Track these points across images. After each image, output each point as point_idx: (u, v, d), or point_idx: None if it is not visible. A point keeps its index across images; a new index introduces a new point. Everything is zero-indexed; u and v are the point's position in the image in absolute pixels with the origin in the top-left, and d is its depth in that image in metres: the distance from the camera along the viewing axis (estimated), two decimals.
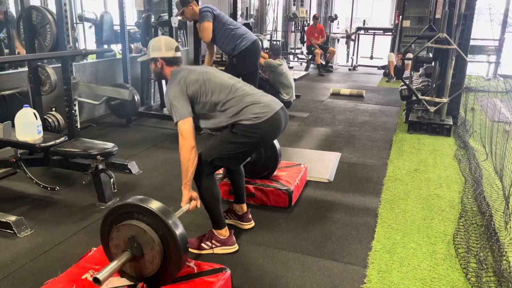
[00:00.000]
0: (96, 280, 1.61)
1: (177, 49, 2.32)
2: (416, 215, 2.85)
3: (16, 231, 2.49)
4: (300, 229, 2.65)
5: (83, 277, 1.87)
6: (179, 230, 1.77)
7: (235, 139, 2.21)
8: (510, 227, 2.61)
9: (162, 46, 2.28)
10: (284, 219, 2.77)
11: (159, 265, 1.77)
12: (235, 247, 2.37)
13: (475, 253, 2.36)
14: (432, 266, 2.27)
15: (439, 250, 2.43)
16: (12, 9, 4.54)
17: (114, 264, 1.72)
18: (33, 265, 2.22)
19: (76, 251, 2.32)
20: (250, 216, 2.65)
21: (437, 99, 4.83)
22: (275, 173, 3.12)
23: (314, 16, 10.00)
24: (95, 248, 2.10)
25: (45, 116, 3.79)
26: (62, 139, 2.99)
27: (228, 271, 1.92)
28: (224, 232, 2.36)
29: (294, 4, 11.03)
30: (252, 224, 2.65)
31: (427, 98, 4.91)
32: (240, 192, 2.61)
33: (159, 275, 1.81)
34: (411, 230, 2.65)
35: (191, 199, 2.20)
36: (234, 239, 2.38)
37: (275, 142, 2.90)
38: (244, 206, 2.64)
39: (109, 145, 3.00)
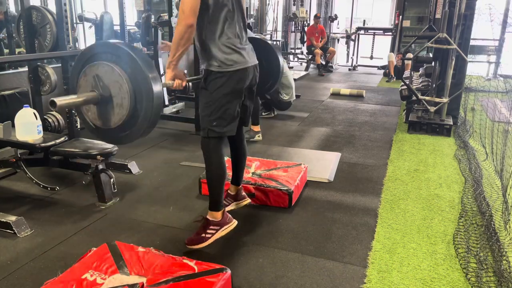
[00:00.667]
0: (52, 102, 1.54)
1: None
2: (416, 215, 2.85)
3: (16, 231, 2.49)
4: (300, 229, 2.65)
5: (83, 277, 1.87)
6: (153, 74, 1.64)
7: (211, 92, 2.17)
8: (510, 227, 2.61)
9: None
10: (284, 219, 2.77)
11: (128, 109, 1.63)
12: (234, 222, 2.38)
13: (475, 253, 2.36)
14: (432, 266, 2.27)
15: (439, 250, 2.43)
16: (12, 9, 4.55)
17: (77, 96, 1.60)
18: (33, 265, 2.22)
19: (76, 251, 2.32)
20: (243, 192, 2.69)
21: (437, 99, 4.83)
22: (275, 173, 3.13)
23: (316, 16, 9.99)
24: (95, 248, 2.10)
25: (45, 116, 3.79)
26: (62, 139, 2.99)
27: (229, 271, 1.92)
28: (219, 214, 2.35)
29: (294, 4, 11.03)
30: (248, 200, 2.70)
31: (427, 98, 4.91)
32: (240, 173, 2.63)
33: (129, 126, 1.67)
34: (411, 230, 2.65)
35: (174, 78, 2.08)
36: (229, 216, 2.39)
37: (273, 51, 2.71)
38: (239, 188, 2.68)
39: (109, 145, 3.00)
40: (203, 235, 2.34)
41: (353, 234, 2.60)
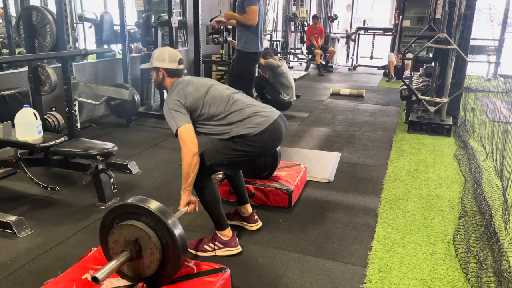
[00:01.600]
0: (94, 279, 1.61)
1: (180, 62, 2.33)
2: (416, 215, 2.85)
3: (16, 231, 2.49)
4: (300, 229, 2.65)
5: (83, 277, 1.87)
6: (178, 231, 1.77)
7: (237, 147, 2.22)
8: (510, 227, 2.61)
9: (166, 57, 2.30)
10: (284, 219, 2.77)
11: (157, 266, 1.77)
12: (238, 249, 2.36)
13: (475, 253, 2.36)
14: (432, 266, 2.27)
15: (439, 250, 2.43)
16: (12, 9, 4.55)
17: (112, 264, 1.72)
18: (33, 265, 2.22)
19: (76, 251, 2.32)
20: (256, 217, 2.64)
21: (437, 99, 4.83)
22: (275, 173, 3.12)
23: (315, 16, 9.99)
24: (95, 248, 2.10)
25: (45, 116, 3.79)
26: (62, 139, 2.99)
27: (228, 271, 1.92)
28: (228, 233, 2.35)
29: (294, 4, 11.03)
30: (259, 224, 2.64)
31: (427, 98, 4.91)
32: (241, 193, 2.61)
33: (158, 276, 1.81)
34: (411, 230, 2.65)
35: (189, 203, 2.21)
36: (237, 240, 2.38)
37: None
38: (249, 207, 2.63)
39: (109, 145, 3.00)
40: (206, 246, 2.35)
41: (353, 234, 2.60)
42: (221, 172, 2.71)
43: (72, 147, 2.97)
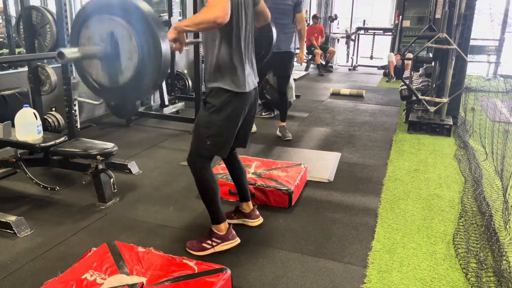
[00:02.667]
0: (60, 54, 1.52)
1: None
2: (416, 215, 2.85)
3: (16, 231, 2.49)
4: (300, 229, 2.65)
5: (83, 277, 1.87)
6: (162, 32, 1.59)
7: (209, 118, 2.16)
8: (510, 227, 2.61)
9: None
10: (284, 219, 2.77)
11: (135, 66, 1.60)
12: (236, 240, 2.37)
13: (475, 253, 2.36)
14: (432, 266, 2.27)
15: (439, 250, 2.43)
16: (12, 9, 4.54)
17: (85, 48, 1.57)
18: (33, 265, 2.22)
19: (76, 251, 2.32)
20: (257, 212, 2.66)
21: (437, 99, 4.83)
22: (275, 173, 3.13)
23: (315, 16, 9.99)
24: (95, 248, 2.10)
25: (45, 116, 3.80)
26: (62, 139, 2.99)
27: (229, 271, 1.93)
28: (223, 227, 2.35)
29: None
30: (260, 220, 2.66)
31: (427, 98, 4.91)
32: (243, 189, 2.60)
33: (136, 81, 1.63)
34: (411, 230, 2.65)
35: (176, 40, 1.98)
36: (234, 232, 2.38)
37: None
38: (250, 203, 2.64)
39: (109, 145, 3.00)
40: (204, 244, 2.35)
41: (353, 234, 2.60)
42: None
43: (72, 147, 2.97)
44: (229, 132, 2.23)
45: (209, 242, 2.34)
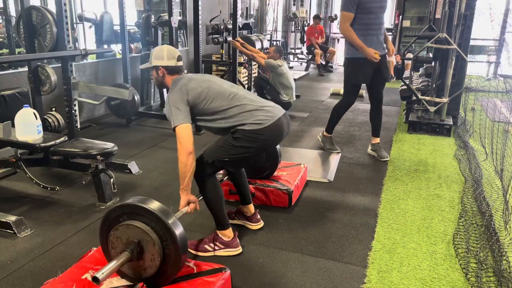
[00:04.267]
0: (95, 279, 1.61)
1: (179, 59, 2.33)
2: (416, 215, 2.85)
3: (16, 231, 2.49)
4: (300, 229, 2.65)
5: (83, 277, 1.87)
6: (178, 231, 1.77)
7: (238, 143, 2.21)
8: (510, 227, 2.61)
9: (164, 55, 2.29)
10: (284, 219, 2.77)
11: (158, 266, 1.77)
12: (239, 249, 2.36)
13: (475, 253, 2.36)
14: (432, 266, 2.27)
15: (439, 250, 2.43)
16: (12, 9, 4.54)
17: (113, 264, 1.72)
18: (33, 265, 2.22)
19: (76, 251, 2.32)
20: (258, 216, 2.65)
21: (437, 99, 4.83)
22: (275, 173, 3.13)
23: (318, 16, 9.97)
24: (95, 248, 2.10)
25: (45, 116, 3.80)
26: (62, 139, 2.99)
27: (228, 271, 1.92)
28: (229, 233, 2.35)
29: (294, 4, 11.03)
30: (261, 224, 2.65)
31: (427, 98, 4.91)
32: (244, 192, 2.60)
33: (158, 276, 1.81)
34: (411, 230, 2.65)
35: (189, 203, 2.20)
36: (238, 241, 2.37)
37: None
38: (251, 206, 2.63)
39: (109, 145, 3.00)
40: (206, 246, 2.35)
41: (353, 234, 2.60)
42: (221, 172, 2.71)
43: (72, 147, 2.97)
44: (252, 157, 2.34)
45: (212, 245, 2.34)
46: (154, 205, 1.80)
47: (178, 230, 1.77)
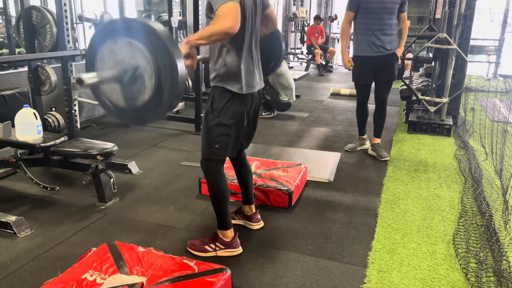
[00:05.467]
0: (79, 80, 1.55)
1: None
2: (416, 215, 2.85)
3: (16, 231, 2.50)
4: (300, 229, 2.65)
5: (83, 277, 1.87)
6: (177, 50, 1.63)
7: (215, 121, 2.15)
8: (510, 227, 2.61)
9: None
10: (284, 219, 2.77)
11: (154, 85, 1.64)
12: (239, 249, 2.35)
13: (475, 253, 2.37)
14: (432, 266, 2.27)
15: (439, 250, 2.43)
16: (12, 9, 4.54)
17: (100, 73, 1.62)
18: (33, 265, 2.22)
19: (76, 251, 2.32)
20: (259, 216, 2.64)
21: (437, 99, 4.83)
22: (275, 173, 3.13)
23: (319, 17, 9.97)
24: (95, 248, 2.10)
25: (45, 116, 3.80)
26: (62, 139, 3.00)
27: (229, 271, 1.92)
28: (229, 234, 2.34)
29: (294, 4, 11.03)
30: (261, 224, 2.64)
31: (427, 98, 4.91)
32: (248, 191, 2.59)
33: (150, 106, 1.68)
34: (411, 230, 2.65)
35: (188, 56, 1.98)
36: (238, 241, 2.37)
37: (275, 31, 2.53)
38: (253, 206, 2.63)
39: (109, 145, 3.00)
40: (207, 246, 2.34)
41: (353, 234, 2.60)
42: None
43: (72, 147, 2.97)
44: (235, 132, 2.22)
45: (212, 245, 2.33)
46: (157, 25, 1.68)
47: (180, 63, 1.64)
